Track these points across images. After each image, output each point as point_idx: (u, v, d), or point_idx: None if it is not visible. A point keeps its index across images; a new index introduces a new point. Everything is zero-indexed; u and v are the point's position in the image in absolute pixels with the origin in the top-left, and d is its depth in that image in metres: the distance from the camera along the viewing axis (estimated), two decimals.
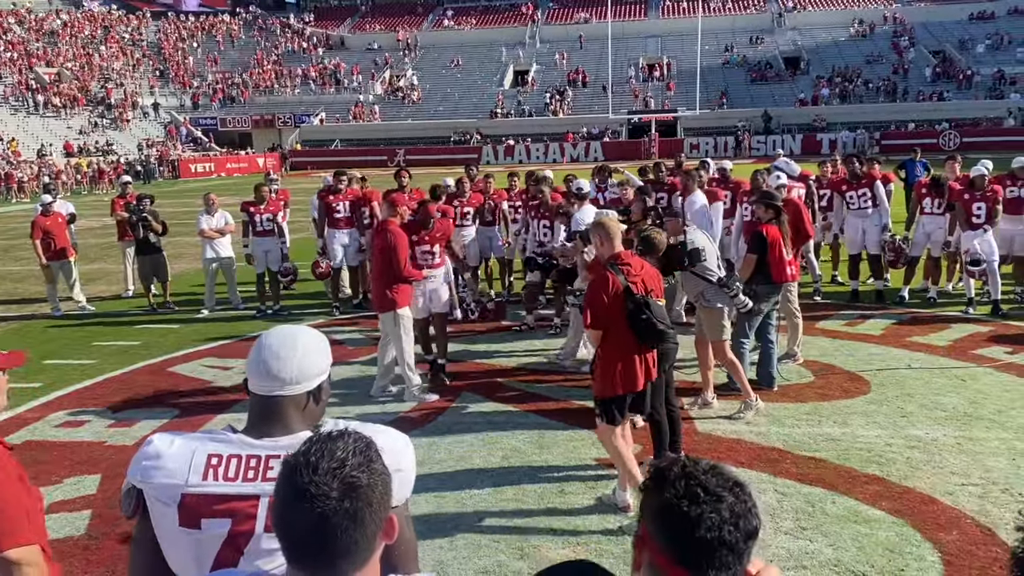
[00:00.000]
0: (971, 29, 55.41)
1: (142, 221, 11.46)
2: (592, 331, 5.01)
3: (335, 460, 1.35)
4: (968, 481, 5.35)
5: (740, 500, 1.29)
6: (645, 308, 4.86)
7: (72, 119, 50.64)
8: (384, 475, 1.42)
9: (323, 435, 1.42)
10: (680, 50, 57.19)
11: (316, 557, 1.35)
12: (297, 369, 1.83)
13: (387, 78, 60.47)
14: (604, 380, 5.02)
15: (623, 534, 4.81)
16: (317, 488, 1.32)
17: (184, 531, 1.73)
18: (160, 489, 1.75)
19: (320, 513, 1.32)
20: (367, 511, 1.36)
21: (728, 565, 1.29)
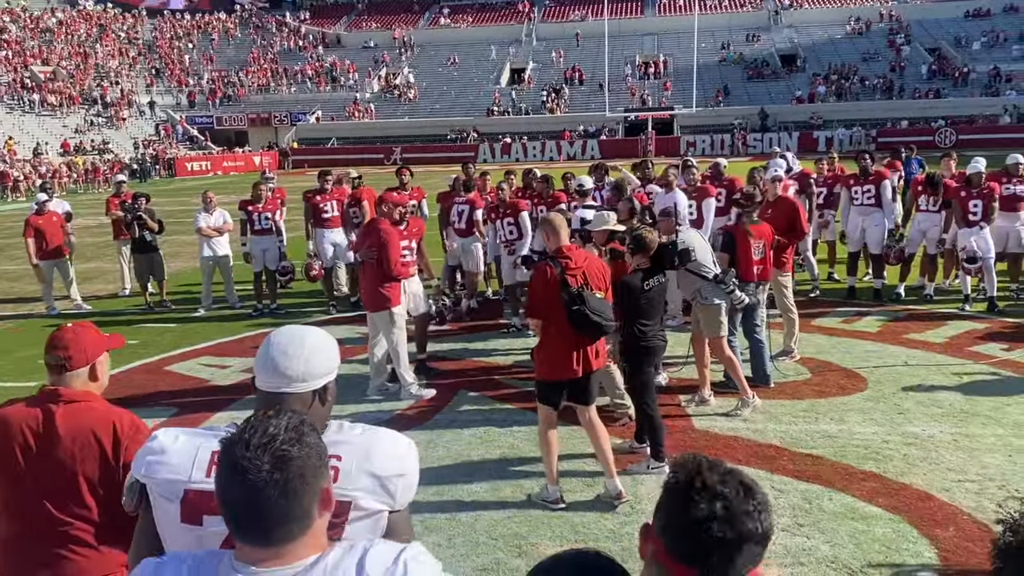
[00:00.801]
0: (967, 26, 55.49)
1: (138, 220, 11.44)
2: (531, 319, 5.26)
3: (266, 436, 1.42)
4: (965, 477, 5.37)
5: (740, 500, 1.28)
6: (579, 300, 4.99)
7: (68, 118, 50.52)
8: (318, 447, 1.48)
9: (259, 415, 1.48)
10: (677, 48, 57.17)
11: (254, 529, 1.42)
12: (304, 367, 1.85)
13: (383, 76, 60.40)
14: (541, 364, 5.25)
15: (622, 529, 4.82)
16: (249, 462, 1.39)
17: (186, 527, 1.75)
18: (163, 484, 1.77)
19: (252, 485, 1.39)
20: (300, 482, 1.42)
21: (721, 563, 1.29)
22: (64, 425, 2.64)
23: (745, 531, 1.28)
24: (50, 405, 2.68)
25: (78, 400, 2.70)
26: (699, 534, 1.30)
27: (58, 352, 2.73)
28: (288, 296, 11.85)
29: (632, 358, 5.84)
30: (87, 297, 12.28)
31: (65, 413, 2.66)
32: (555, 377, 5.17)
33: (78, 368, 2.73)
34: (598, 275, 5.25)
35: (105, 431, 2.67)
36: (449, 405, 7.20)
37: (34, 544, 2.64)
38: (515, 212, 9.56)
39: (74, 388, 2.72)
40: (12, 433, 2.66)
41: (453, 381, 7.85)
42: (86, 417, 2.67)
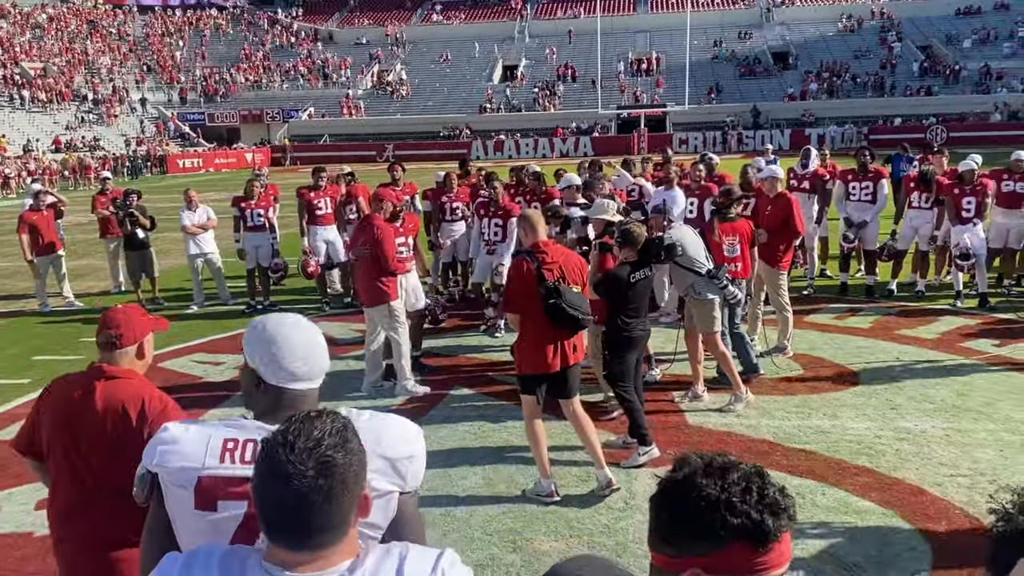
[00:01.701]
0: (958, 24, 55.66)
1: (129, 216, 11.39)
2: (510, 315, 5.27)
3: (311, 440, 1.40)
4: (957, 472, 5.40)
5: (723, 490, 1.23)
6: (555, 294, 5.03)
7: (58, 114, 50.28)
8: (359, 454, 1.47)
9: (301, 415, 1.47)
10: (669, 45, 57.22)
11: (293, 533, 1.41)
12: (322, 365, 1.94)
13: (376, 73, 60.28)
14: (520, 359, 5.30)
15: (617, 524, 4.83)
16: (294, 467, 1.38)
17: (200, 514, 1.76)
18: (177, 472, 1.78)
19: (296, 490, 1.37)
20: (342, 489, 1.41)
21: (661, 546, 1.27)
22: (102, 399, 2.86)
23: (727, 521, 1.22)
24: (95, 381, 2.90)
25: (119, 376, 2.92)
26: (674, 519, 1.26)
27: (110, 331, 2.94)
28: (281, 293, 11.83)
29: (614, 347, 5.95)
30: (79, 294, 12.23)
31: (104, 388, 2.88)
32: (534, 371, 5.21)
33: (127, 346, 2.97)
34: (575, 270, 5.29)
35: (134, 406, 2.85)
36: (443, 401, 7.21)
37: (70, 502, 2.89)
38: (506, 215, 9.43)
39: (120, 365, 2.96)
40: (61, 406, 2.90)
41: (447, 377, 7.85)
42: (122, 392, 2.87)
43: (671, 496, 1.26)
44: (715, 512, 1.21)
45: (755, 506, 1.21)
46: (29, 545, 4.94)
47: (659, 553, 1.29)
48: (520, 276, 5.13)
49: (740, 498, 1.22)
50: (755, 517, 1.21)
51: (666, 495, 1.27)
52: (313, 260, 10.63)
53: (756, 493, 1.23)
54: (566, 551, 4.60)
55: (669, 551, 1.26)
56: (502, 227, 9.44)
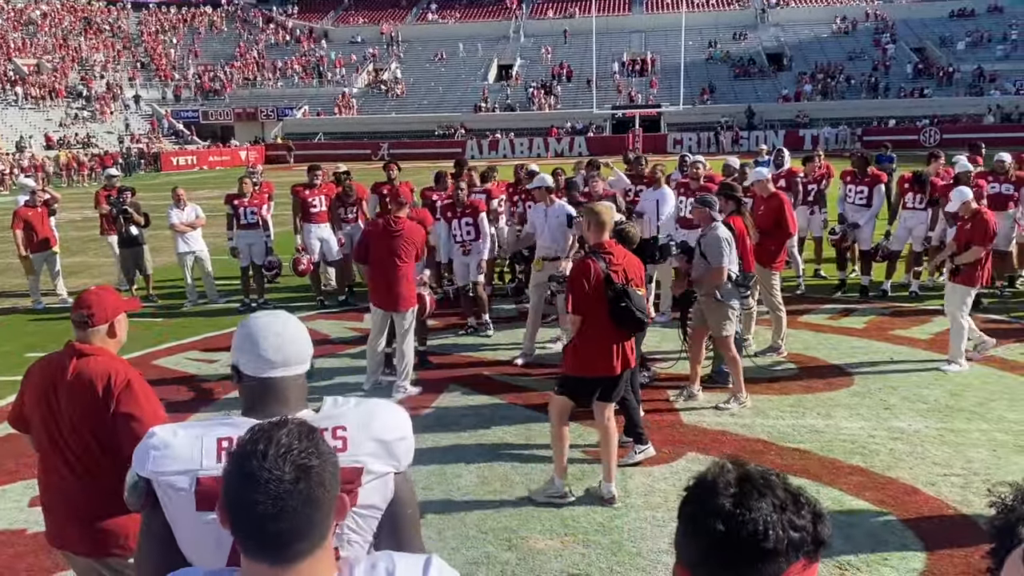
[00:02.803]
0: (951, 26, 55.89)
1: (123, 214, 11.35)
2: (573, 316, 5.12)
3: (281, 445, 1.36)
4: (950, 472, 5.42)
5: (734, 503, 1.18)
6: (624, 296, 4.97)
7: (51, 111, 50.09)
8: (331, 456, 1.43)
9: (263, 424, 1.43)
10: (664, 45, 57.26)
11: (272, 543, 1.35)
12: (297, 348, 1.91)
13: (371, 71, 60.21)
14: (578, 360, 5.16)
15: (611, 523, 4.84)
16: (270, 473, 1.33)
17: (201, 515, 1.75)
18: (174, 477, 1.76)
19: (275, 496, 1.33)
20: (321, 491, 1.37)
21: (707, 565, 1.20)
22: (74, 375, 3.04)
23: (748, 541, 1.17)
24: (69, 358, 3.08)
25: (90, 354, 3.09)
26: (698, 542, 1.20)
27: (82, 310, 3.11)
28: (276, 291, 11.81)
29: None
30: (72, 291, 12.18)
31: (77, 365, 3.06)
32: (592, 373, 5.11)
33: (99, 325, 3.13)
34: (637, 271, 5.24)
35: (101, 381, 3.02)
36: (438, 400, 7.20)
37: (53, 475, 3.12)
38: (474, 213, 9.31)
39: (92, 343, 3.12)
40: (39, 380, 3.13)
41: (442, 376, 7.85)
42: (91, 368, 3.05)
43: (734, 524, 1.17)
44: (784, 534, 1.16)
45: (810, 518, 1.19)
46: (22, 542, 4.93)
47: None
48: (587, 277, 5.00)
49: (797, 512, 1.18)
50: (812, 530, 1.18)
51: (727, 523, 1.17)
52: (305, 258, 10.61)
53: (806, 504, 1.20)
54: (561, 550, 4.60)
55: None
56: (473, 225, 9.29)
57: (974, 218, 7.47)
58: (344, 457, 1.72)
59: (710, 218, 6.79)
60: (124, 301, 3.28)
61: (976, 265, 7.42)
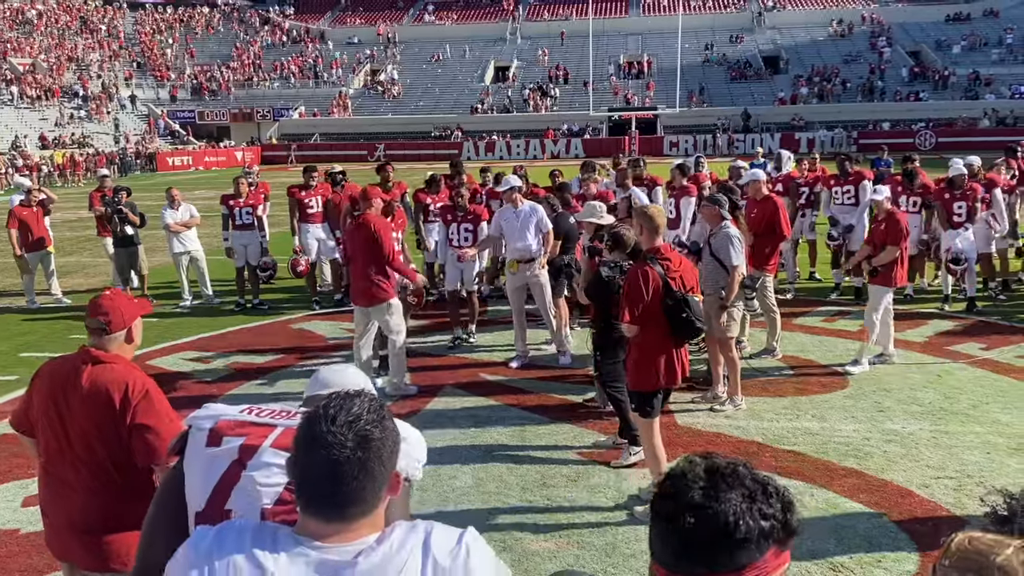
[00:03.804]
0: (947, 30, 56.01)
1: (118, 213, 11.32)
2: (630, 326, 4.95)
3: (351, 415, 1.48)
4: (944, 474, 5.43)
5: (704, 496, 1.19)
6: (684, 305, 4.85)
7: (47, 111, 49.97)
8: (394, 433, 1.54)
9: (341, 392, 1.55)
10: (661, 48, 57.32)
11: (327, 502, 1.48)
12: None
13: (367, 72, 60.19)
14: (643, 373, 5.00)
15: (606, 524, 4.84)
16: (334, 437, 1.45)
17: (206, 450, 1.91)
18: (202, 420, 1.97)
19: (335, 460, 1.45)
20: (376, 463, 1.48)
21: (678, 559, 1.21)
22: (88, 382, 2.96)
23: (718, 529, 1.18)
24: (82, 364, 3.00)
25: (106, 361, 3.01)
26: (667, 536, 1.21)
27: (99, 317, 3.04)
28: (271, 292, 11.80)
29: (605, 348, 5.95)
30: (67, 291, 12.16)
31: (92, 372, 2.98)
32: (656, 386, 4.99)
33: (116, 331, 3.06)
34: (693, 277, 5.13)
35: (118, 390, 2.94)
36: (433, 401, 7.20)
37: (58, 484, 3.03)
38: (476, 220, 8.98)
39: (109, 350, 3.05)
40: (50, 384, 3.04)
41: (438, 377, 7.84)
42: (107, 376, 2.97)
43: (704, 516, 1.18)
44: (754, 523, 1.18)
45: (778, 507, 1.20)
46: (15, 542, 4.91)
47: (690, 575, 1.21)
48: (646, 285, 4.84)
49: (767, 502, 1.20)
50: (782, 518, 1.20)
51: (697, 516, 1.19)
52: (303, 259, 10.60)
53: (775, 493, 1.21)
54: (556, 551, 4.61)
55: (704, 571, 1.20)
56: (472, 232, 8.95)
57: (888, 219, 7.54)
58: None
59: (719, 217, 6.77)
60: (139, 305, 3.22)
61: (892, 266, 7.49)
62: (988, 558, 1.08)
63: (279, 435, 1.88)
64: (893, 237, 7.42)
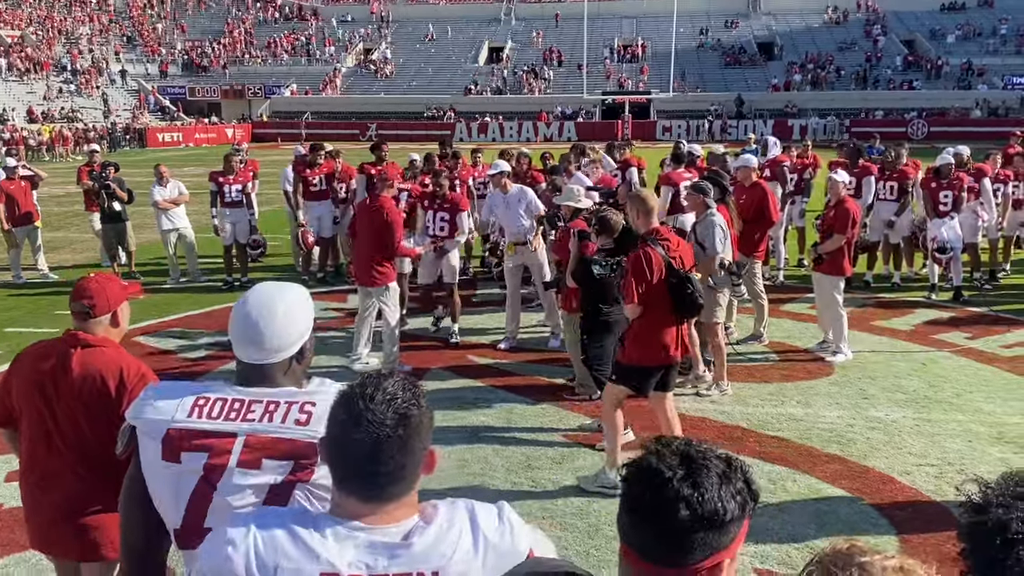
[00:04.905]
0: (942, 19, 55.93)
1: (105, 189, 11.23)
2: (633, 306, 5.01)
3: (388, 393, 1.48)
4: (925, 462, 5.48)
5: (689, 485, 1.19)
6: (688, 283, 4.94)
7: (35, 84, 49.43)
8: (430, 411, 1.55)
9: (375, 372, 1.56)
10: (655, 32, 57.08)
11: (366, 481, 1.47)
12: (277, 339, 1.91)
13: (360, 51, 59.74)
14: (645, 349, 5.06)
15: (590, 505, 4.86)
16: (373, 415, 1.45)
17: (165, 464, 1.83)
18: (149, 424, 1.86)
19: (376, 438, 1.44)
20: (415, 441, 1.49)
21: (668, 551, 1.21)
22: (78, 367, 2.88)
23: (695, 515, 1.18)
24: (70, 348, 2.91)
25: (95, 345, 2.93)
26: (640, 520, 1.22)
27: (83, 300, 2.96)
28: (259, 270, 11.74)
29: (592, 332, 5.99)
30: (53, 267, 12.09)
31: (81, 356, 2.90)
32: (656, 362, 5.08)
33: (101, 315, 2.98)
34: (689, 256, 5.24)
35: (112, 375, 2.87)
36: (421, 381, 7.16)
37: (43, 474, 2.94)
38: (453, 209, 8.44)
39: (95, 334, 2.96)
40: (33, 370, 2.94)
41: (425, 359, 7.84)
42: (98, 361, 2.90)
43: (687, 505, 1.18)
44: (734, 502, 1.20)
45: (743, 479, 1.23)
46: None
47: (686, 566, 1.21)
48: (649, 266, 4.92)
49: (732, 480, 1.22)
50: (746, 490, 1.23)
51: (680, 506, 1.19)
52: (311, 232, 10.65)
53: (737, 468, 1.24)
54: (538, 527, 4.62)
55: (699, 557, 1.20)
56: (448, 221, 8.42)
57: (837, 207, 7.56)
58: (303, 430, 1.79)
59: (704, 205, 6.79)
60: (126, 288, 3.14)
61: (840, 254, 7.51)
62: (854, 558, 1.09)
63: (242, 450, 1.79)
64: (841, 225, 7.43)
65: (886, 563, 1.07)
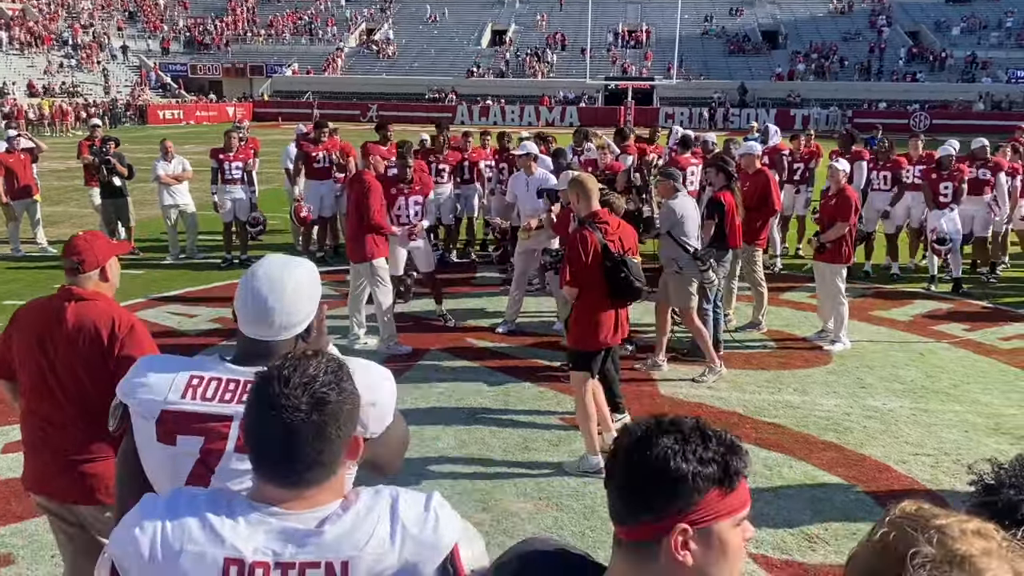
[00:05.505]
0: (948, 11, 55.66)
1: (106, 164, 11.19)
2: (569, 288, 5.08)
3: (306, 376, 1.41)
4: (921, 451, 5.50)
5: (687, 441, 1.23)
6: (623, 266, 4.95)
7: (36, 58, 49.16)
8: (353, 395, 1.47)
9: (297, 353, 1.48)
10: (660, 18, 56.76)
11: (282, 467, 1.41)
12: (285, 316, 1.87)
13: (363, 31, 59.42)
14: (582, 333, 5.14)
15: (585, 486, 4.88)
16: (287, 399, 1.39)
17: (161, 447, 1.79)
18: (142, 404, 1.81)
19: (288, 424, 1.38)
20: (333, 427, 1.42)
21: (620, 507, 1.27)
22: (73, 319, 3.01)
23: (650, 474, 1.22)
24: (64, 302, 3.05)
25: (88, 298, 3.06)
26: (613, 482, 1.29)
27: (72, 256, 3.09)
28: (259, 248, 11.71)
29: None
30: (53, 241, 12.06)
31: (75, 309, 3.03)
32: (596, 346, 5.12)
33: (90, 270, 3.10)
34: (632, 239, 5.24)
35: (105, 325, 3.00)
36: (419, 363, 7.21)
37: (42, 423, 3.07)
38: (424, 191, 8.02)
39: (87, 288, 3.09)
40: (32, 324, 3.08)
41: (424, 340, 7.84)
42: (91, 312, 3.03)
43: (637, 460, 1.24)
44: (688, 463, 1.21)
45: (718, 448, 1.25)
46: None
47: (637, 524, 1.25)
48: (585, 249, 4.96)
49: (703, 445, 1.24)
50: (720, 460, 1.24)
51: (632, 461, 1.24)
52: (306, 206, 10.61)
53: (714, 437, 1.26)
54: (535, 513, 4.64)
55: (648, 517, 1.23)
56: (421, 205, 7.99)
57: (839, 195, 7.55)
58: None
59: (673, 189, 6.82)
60: (114, 245, 3.28)
61: (841, 242, 7.52)
62: (930, 520, 1.09)
63: (239, 434, 1.74)
64: (843, 213, 7.43)
65: (964, 526, 1.07)
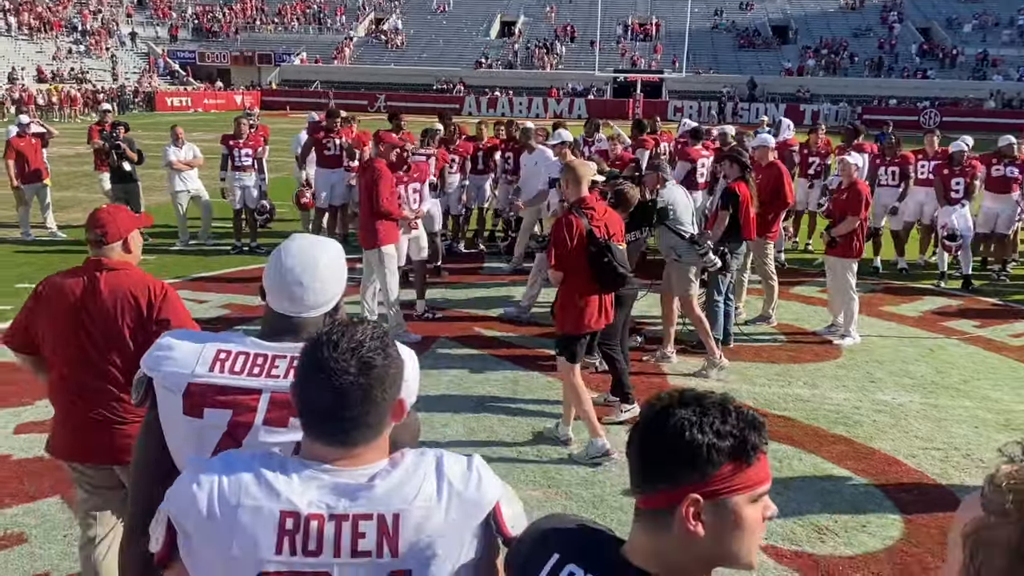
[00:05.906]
0: (959, 8, 55.32)
1: (116, 149, 11.20)
2: (554, 272, 5.15)
3: (354, 341, 1.47)
4: (931, 445, 5.49)
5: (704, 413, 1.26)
6: (607, 252, 4.99)
7: (45, 44, 49.18)
8: (397, 360, 1.53)
9: (344, 320, 1.55)
10: (670, 11, 56.54)
11: (331, 426, 1.48)
12: (318, 296, 1.90)
13: (372, 20, 59.30)
14: (565, 318, 5.21)
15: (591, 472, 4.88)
16: (336, 363, 1.45)
17: (187, 419, 1.80)
18: (168, 377, 1.81)
19: (337, 386, 1.44)
20: (379, 390, 1.48)
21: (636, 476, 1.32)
22: (107, 287, 3.10)
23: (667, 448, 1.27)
24: (95, 272, 3.13)
25: (118, 268, 3.15)
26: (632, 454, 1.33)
27: (96, 228, 3.17)
28: (268, 236, 11.73)
29: None
30: (62, 226, 12.09)
31: (108, 278, 3.12)
32: (581, 331, 5.16)
33: (113, 242, 3.19)
34: (618, 226, 5.27)
35: (142, 292, 3.11)
36: (428, 351, 7.21)
37: (79, 388, 3.13)
38: (421, 178, 8.07)
39: (112, 259, 3.18)
40: (62, 296, 3.12)
41: (433, 328, 7.85)
42: (126, 280, 3.13)
43: (656, 429, 1.28)
44: (703, 435, 1.24)
45: (736, 423, 1.26)
46: (7, 468, 4.93)
47: (655, 492, 1.28)
48: (570, 234, 5.00)
49: (721, 418, 1.26)
50: (738, 434, 1.25)
51: (651, 430, 1.29)
52: (308, 192, 10.60)
53: (734, 412, 1.27)
54: (544, 500, 4.65)
55: (664, 486, 1.26)
56: (419, 192, 8.07)
57: (850, 189, 7.52)
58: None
59: (661, 180, 6.87)
60: (137, 218, 3.34)
61: (852, 236, 7.51)
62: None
63: (268, 407, 1.77)
64: (854, 208, 7.41)
65: None
